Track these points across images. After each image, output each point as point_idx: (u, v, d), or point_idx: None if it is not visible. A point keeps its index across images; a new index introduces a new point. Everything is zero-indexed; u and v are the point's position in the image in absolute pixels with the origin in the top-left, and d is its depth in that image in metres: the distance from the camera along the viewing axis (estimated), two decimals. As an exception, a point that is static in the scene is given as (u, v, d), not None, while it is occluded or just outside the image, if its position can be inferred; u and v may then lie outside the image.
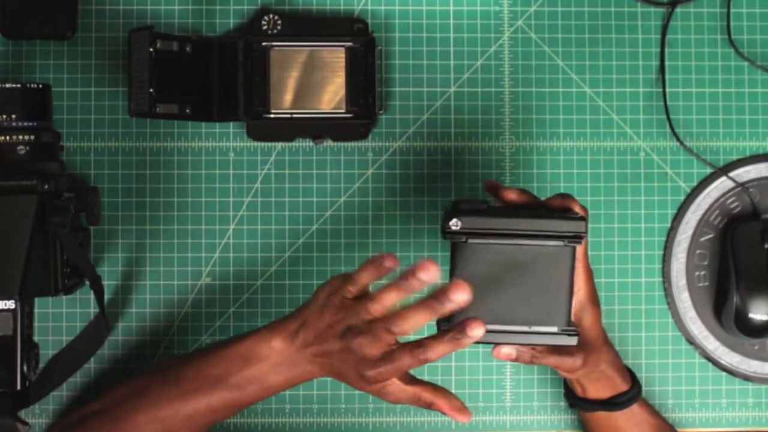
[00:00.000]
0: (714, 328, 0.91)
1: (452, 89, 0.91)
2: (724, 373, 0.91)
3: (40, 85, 0.82)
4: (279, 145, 0.90)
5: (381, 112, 0.90)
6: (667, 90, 0.91)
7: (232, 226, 0.90)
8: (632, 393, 0.82)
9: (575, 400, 0.84)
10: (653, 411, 0.86)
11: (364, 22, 0.89)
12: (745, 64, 0.92)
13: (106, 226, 0.89)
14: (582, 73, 0.91)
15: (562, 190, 0.90)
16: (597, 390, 0.82)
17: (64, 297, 0.87)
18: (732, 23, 0.92)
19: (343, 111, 0.89)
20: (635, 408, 0.83)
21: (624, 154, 0.91)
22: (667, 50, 0.91)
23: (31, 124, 0.81)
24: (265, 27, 0.88)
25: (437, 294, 0.69)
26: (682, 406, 0.91)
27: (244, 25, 0.90)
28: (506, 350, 0.76)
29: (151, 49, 0.82)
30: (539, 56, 0.91)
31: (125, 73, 0.88)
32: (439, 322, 0.73)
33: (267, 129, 0.89)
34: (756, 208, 0.91)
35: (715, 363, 0.91)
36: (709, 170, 0.91)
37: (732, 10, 0.92)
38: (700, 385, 0.91)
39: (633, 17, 0.91)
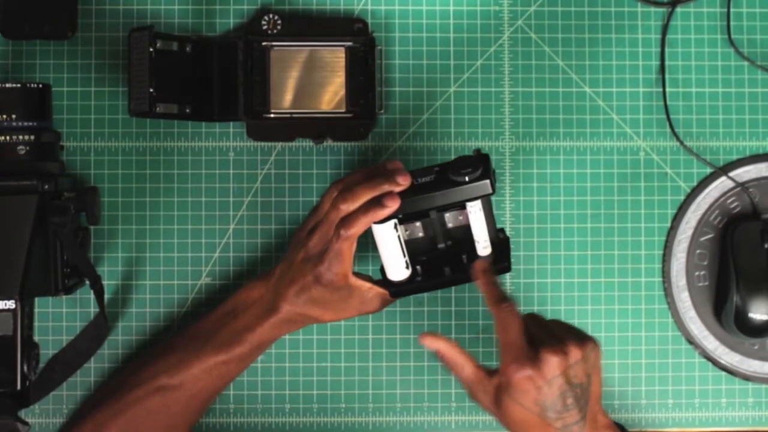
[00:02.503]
0: (714, 327, 0.91)
1: (452, 89, 0.91)
2: (724, 373, 0.91)
3: (40, 85, 0.82)
4: (279, 145, 0.90)
5: (381, 112, 0.90)
6: (667, 90, 0.91)
7: (232, 226, 0.90)
8: None
9: None
10: None
11: (364, 22, 0.89)
12: (745, 64, 0.92)
13: (106, 226, 0.89)
14: (582, 73, 0.91)
15: (561, 190, 0.90)
16: None
17: (64, 297, 0.87)
18: (732, 23, 0.92)
19: (343, 111, 0.89)
20: None
21: (624, 154, 0.91)
22: (667, 50, 0.91)
23: (31, 124, 0.81)
24: (265, 27, 0.88)
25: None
26: (682, 406, 0.91)
27: (244, 25, 0.90)
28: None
29: (151, 49, 0.82)
30: (539, 56, 0.91)
31: (125, 73, 0.88)
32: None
33: (267, 129, 0.89)
34: (756, 208, 0.91)
35: (715, 363, 0.91)
36: (709, 170, 0.91)
37: (732, 10, 0.92)
38: (700, 385, 0.91)
39: (633, 17, 0.91)
